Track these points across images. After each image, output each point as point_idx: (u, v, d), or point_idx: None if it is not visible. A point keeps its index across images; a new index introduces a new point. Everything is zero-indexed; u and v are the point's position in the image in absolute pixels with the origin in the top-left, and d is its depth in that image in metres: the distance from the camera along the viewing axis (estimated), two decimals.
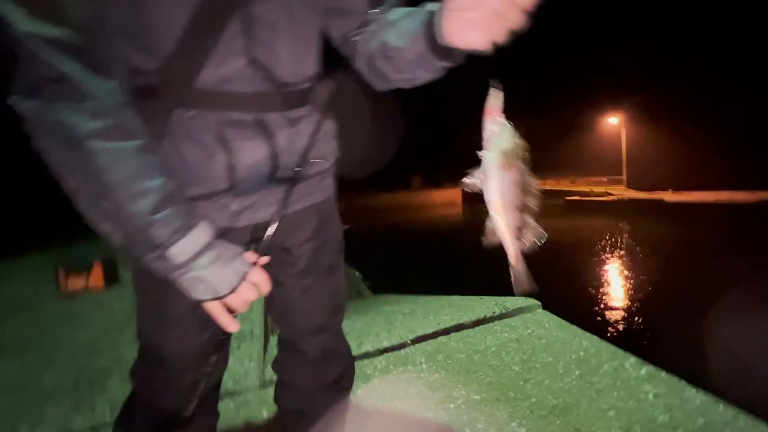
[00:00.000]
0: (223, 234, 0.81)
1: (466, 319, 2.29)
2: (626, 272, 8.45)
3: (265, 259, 0.74)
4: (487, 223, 0.64)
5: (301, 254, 0.93)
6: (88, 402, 1.76)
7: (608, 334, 5.01)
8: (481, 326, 2.22)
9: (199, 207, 0.77)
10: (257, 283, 0.70)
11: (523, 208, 0.61)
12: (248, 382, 1.80)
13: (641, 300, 6.51)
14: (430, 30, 0.65)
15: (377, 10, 0.83)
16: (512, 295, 2.80)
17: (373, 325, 2.41)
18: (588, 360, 1.77)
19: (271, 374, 1.85)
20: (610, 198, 18.39)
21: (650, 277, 7.83)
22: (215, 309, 0.68)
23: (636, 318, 5.83)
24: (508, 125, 0.59)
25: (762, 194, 15.15)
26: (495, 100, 0.59)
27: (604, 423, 1.37)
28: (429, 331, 2.18)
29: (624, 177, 22.36)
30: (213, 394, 0.92)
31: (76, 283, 3.55)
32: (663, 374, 1.61)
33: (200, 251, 0.64)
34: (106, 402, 1.75)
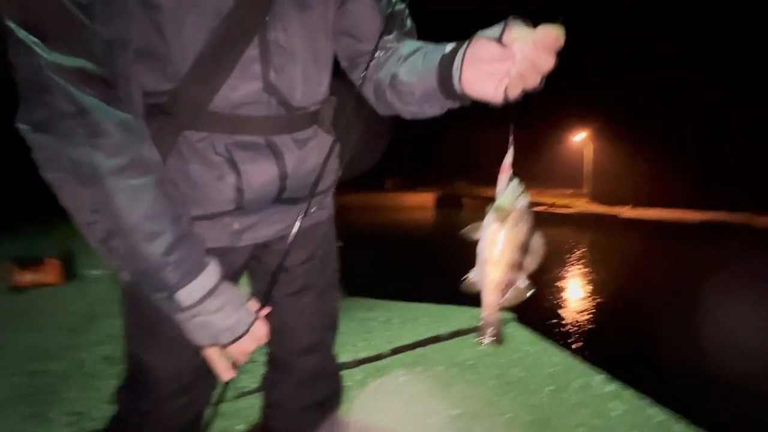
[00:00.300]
0: (223, 253, 0.79)
1: (443, 330, 2.33)
2: (587, 284, 8.90)
3: (267, 310, 0.73)
4: (472, 271, 0.64)
5: (300, 274, 0.92)
6: (42, 412, 1.64)
7: (572, 345, 5.26)
8: (457, 338, 2.27)
9: (200, 226, 0.74)
10: (259, 337, 0.69)
11: (515, 267, 0.61)
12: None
13: (601, 311, 6.88)
14: (444, 71, 0.66)
15: (389, 38, 0.84)
16: None
17: (349, 333, 2.40)
18: (558, 376, 1.85)
19: (245, 384, 1.80)
20: (572, 211, 19.29)
21: (608, 289, 8.28)
22: (213, 356, 0.67)
23: (596, 329, 6.15)
24: (517, 184, 0.60)
25: (708, 214, 16.44)
26: (509, 157, 0.61)
27: None
28: (407, 341, 2.20)
29: (586, 191, 23.54)
30: (200, 419, 0.88)
31: (27, 277, 3.29)
32: (627, 392, 1.71)
33: (207, 294, 0.62)
34: (62, 412, 1.64)
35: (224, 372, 0.69)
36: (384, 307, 3.15)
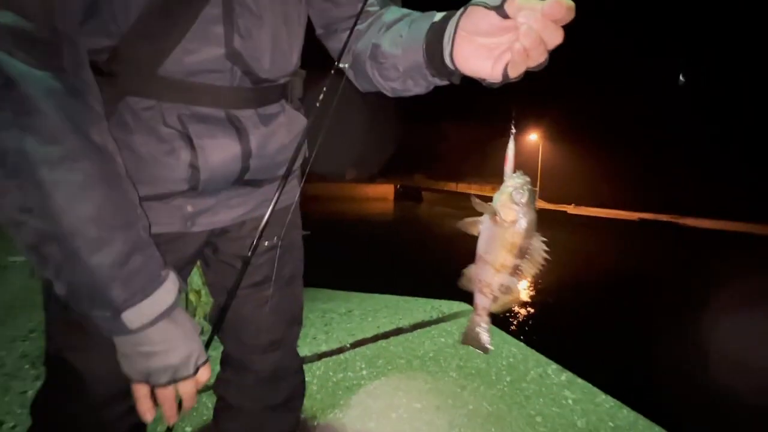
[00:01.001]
0: (174, 239, 0.69)
1: (404, 322, 2.32)
2: (539, 276, 9.40)
3: (208, 371, 0.60)
4: (470, 266, 0.59)
5: (262, 263, 0.84)
6: None
7: (527, 335, 5.52)
8: (419, 330, 2.26)
9: (147, 208, 0.64)
10: (203, 382, 0.58)
11: (511, 270, 0.56)
12: None
13: (551, 301, 7.29)
14: (432, 44, 0.60)
15: (371, 2, 0.76)
16: (444, 297, 2.87)
17: (308, 325, 2.32)
18: (517, 366, 1.90)
19: None
20: None
21: (558, 280, 8.80)
22: (141, 392, 0.56)
23: (546, 319, 6.51)
24: (521, 180, 0.55)
25: (640, 214, 18.09)
26: (510, 146, 0.56)
27: (532, 429, 1.47)
28: (368, 334, 2.16)
29: (537, 188, 24.88)
30: (142, 427, 0.78)
31: None
32: (579, 380, 1.79)
33: (160, 317, 0.52)
34: None
35: (145, 412, 0.57)
36: (344, 298, 3.10)
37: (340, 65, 0.74)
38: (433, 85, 0.67)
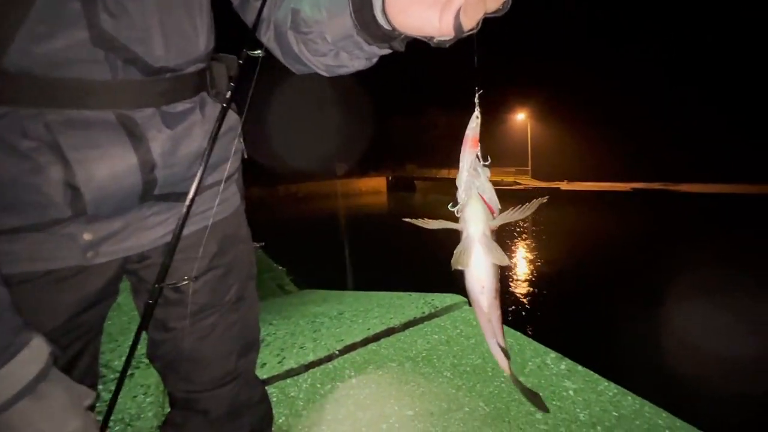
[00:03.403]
0: (73, 275, 0.57)
1: (395, 321, 2.22)
2: (531, 258, 9.35)
3: None
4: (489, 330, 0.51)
5: (197, 290, 0.72)
6: None
7: (521, 323, 5.44)
8: (410, 329, 2.16)
9: (28, 241, 0.52)
10: None
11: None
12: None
13: (546, 287, 7.23)
14: (362, 1, 0.48)
15: None
16: (440, 290, 2.77)
17: (297, 333, 2.22)
18: (514, 358, 1.80)
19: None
20: (518, 187, 20.28)
21: (552, 260, 8.75)
22: None
23: (541, 303, 6.44)
24: (481, 169, 0.45)
25: (633, 184, 18.18)
26: (474, 123, 0.45)
27: (533, 428, 1.38)
28: (358, 338, 2.06)
29: (529, 168, 24.82)
30: None
31: None
32: (579, 368, 1.70)
33: (14, 398, 0.40)
34: None
35: None
36: (336, 299, 3.01)
37: (258, 51, 0.62)
38: (373, 56, 0.55)
